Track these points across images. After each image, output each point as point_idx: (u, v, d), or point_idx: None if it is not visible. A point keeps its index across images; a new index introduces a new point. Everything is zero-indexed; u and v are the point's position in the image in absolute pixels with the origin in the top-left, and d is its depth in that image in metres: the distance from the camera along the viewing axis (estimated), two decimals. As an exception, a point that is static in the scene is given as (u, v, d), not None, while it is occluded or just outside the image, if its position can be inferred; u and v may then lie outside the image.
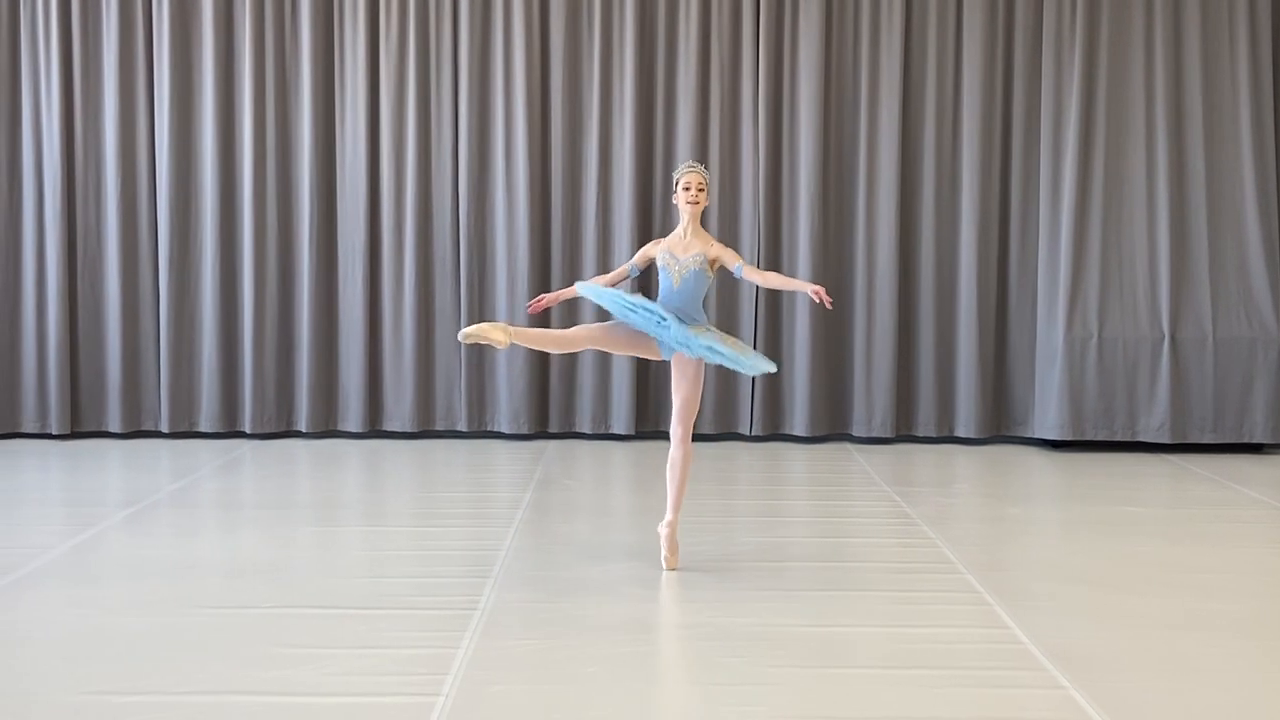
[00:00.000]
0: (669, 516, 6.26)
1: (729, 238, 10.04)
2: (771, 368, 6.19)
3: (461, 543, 6.72)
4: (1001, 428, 10.22)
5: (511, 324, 7.11)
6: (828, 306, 6.17)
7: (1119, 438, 9.88)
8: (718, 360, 6.01)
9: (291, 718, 4.30)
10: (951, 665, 4.87)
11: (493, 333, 5.93)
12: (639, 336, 6.15)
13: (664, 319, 5.97)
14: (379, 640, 5.09)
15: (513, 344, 6.03)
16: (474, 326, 5.99)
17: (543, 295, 6.55)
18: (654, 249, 6.30)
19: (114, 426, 10.03)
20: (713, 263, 6.17)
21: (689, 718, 4.37)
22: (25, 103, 9.93)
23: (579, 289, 6.33)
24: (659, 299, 6.18)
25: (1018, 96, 10.03)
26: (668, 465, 6.27)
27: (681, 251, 6.17)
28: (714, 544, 6.78)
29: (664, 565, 6.21)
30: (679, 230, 6.25)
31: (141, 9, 9.93)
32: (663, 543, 6.25)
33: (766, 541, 6.89)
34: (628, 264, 6.45)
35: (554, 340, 6.26)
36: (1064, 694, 4.59)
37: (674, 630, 5.25)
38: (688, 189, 6.22)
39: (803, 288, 6.20)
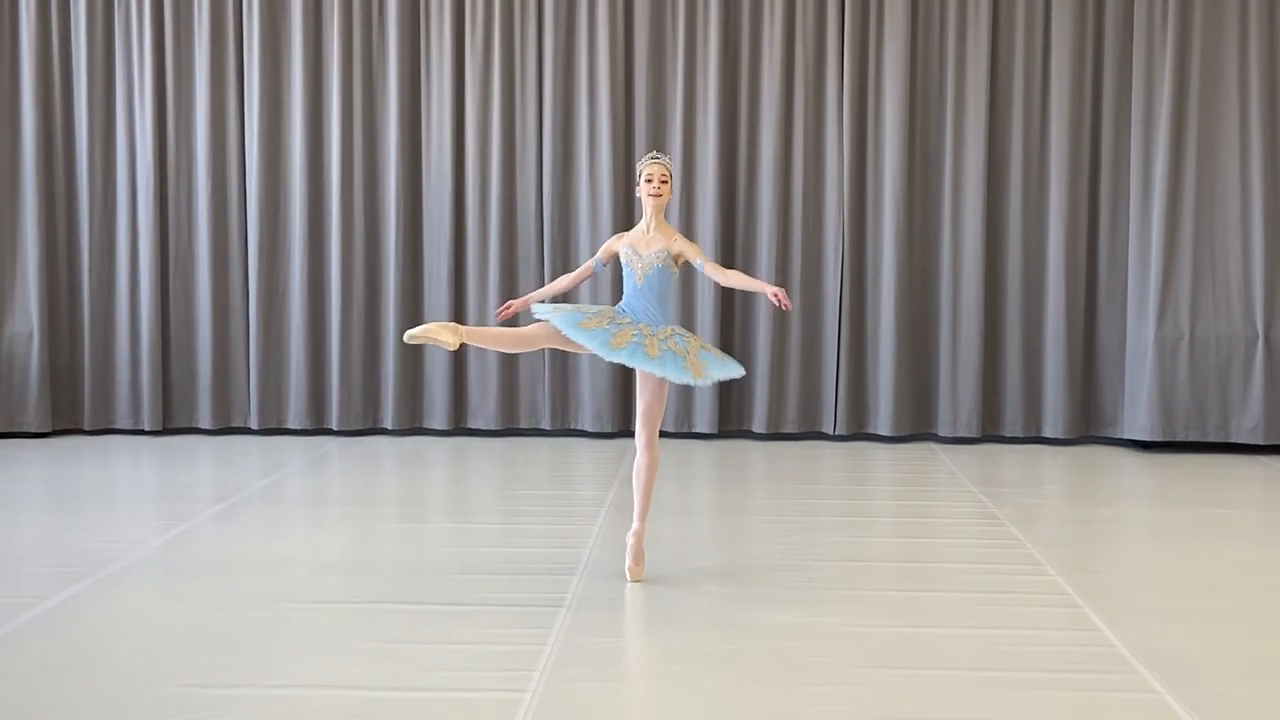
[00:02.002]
0: (635, 525, 5.99)
1: (812, 238, 10.01)
2: (733, 374, 5.84)
3: (546, 540, 6.75)
4: (1090, 428, 10.08)
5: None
6: (785, 308, 5.81)
7: (1211, 439, 9.71)
8: (664, 375, 5.69)
9: (381, 711, 4.35)
10: (1041, 668, 4.82)
11: (441, 333, 5.66)
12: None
13: (612, 347, 5.66)
14: (466, 636, 5.13)
15: (464, 345, 5.78)
16: (421, 328, 5.71)
17: (511, 301, 6.33)
18: (617, 243, 6.04)
19: (205, 423, 10.19)
20: (676, 258, 5.93)
21: (774, 716, 4.36)
22: (119, 106, 10.10)
23: (534, 310, 5.99)
24: (623, 297, 5.97)
25: (1107, 91, 9.88)
26: (633, 472, 6.01)
27: (644, 247, 5.93)
28: (798, 543, 6.75)
29: (627, 576, 5.93)
30: (641, 225, 6.02)
31: (232, 14, 10.07)
32: (627, 552, 5.98)
33: (851, 541, 6.85)
34: (592, 260, 6.16)
35: (511, 339, 5.99)
36: (1157, 699, 4.53)
37: (758, 629, 5.24)
38: (650, 181, 5.95)
39: (763, 289, 5.90)
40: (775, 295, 5.78)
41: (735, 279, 6.08)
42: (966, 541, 6.90)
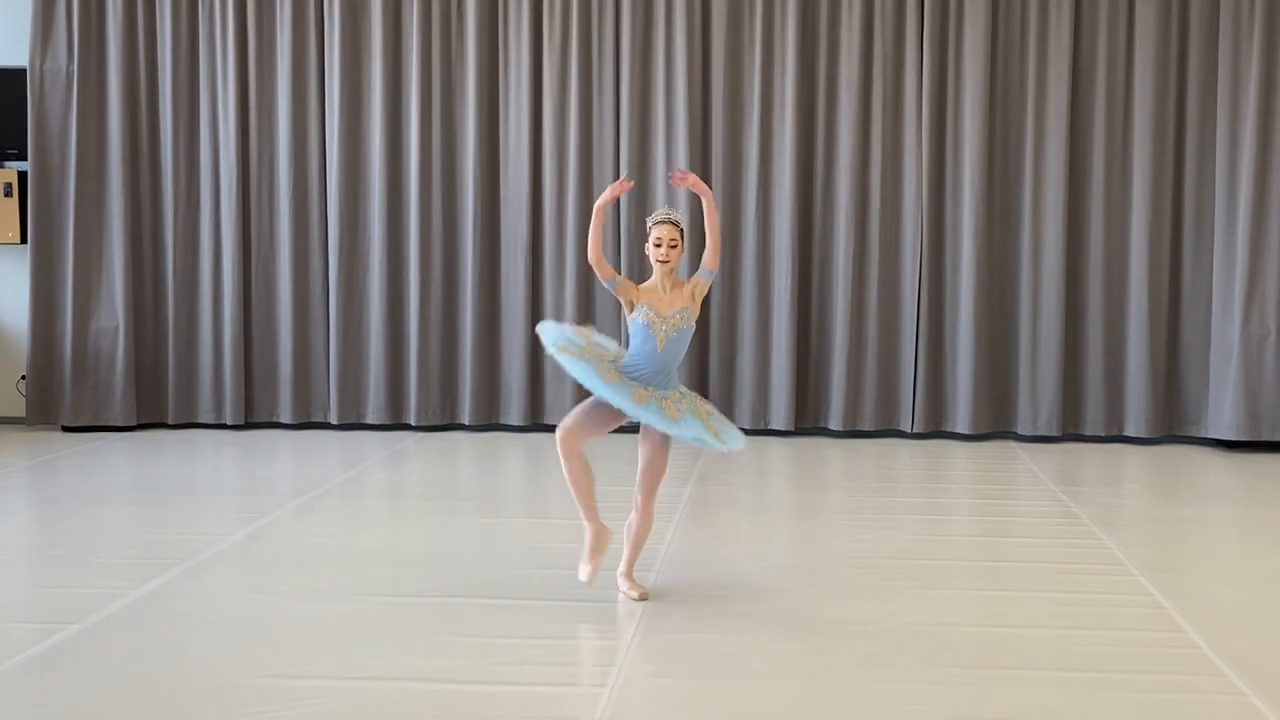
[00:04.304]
0: (623, 568, 5.71)
1: (890, 234, 9.92)
2: (739, 446, 5.54)
3: (623, 536, 6.74)
4: (1173, 427, 9.92)
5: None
6: (678, 178, 5.57)
7: (1299, 438, 9.54)
8: (694, 442, 5.40)
9: (460, 704, 4.37)
10: (1123, 668, 4.75)
11: (600, 542, 5.52)
12: (610, 408, 5.48)
13: (636, 403, 5.33)
14: (544, 630, 5.15)
15: (600, 524, 5.55)
16: (590, 564, 5.51)
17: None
18: (635, 296, 5.53)
19: (285, 418, 10.30)
20: (694, 297, 5.54)
21: (853, 714, 4.34)
22: (203, 106, 10.23)
23: (551, 344, 5.50)
24: (636, 359, 5.51)
25: (1192, 86, 9.71)
26: (625, 526, 5.71)
27: (666, 308, 5.49)
28: (877, 542, 6.71)
29: (634, 596, 5.61)
30: (655, 284, 5.55)
31: (314, 13, 10.17)
32: (624, 586, 5.67)
33: (930, 540, 6.79)
34: (607, 281, 5.57)
35: (582, 475, 5.57)
36: (1243, 700, 4.45)
37: (836, 626, 5.21)
38: (659, 245, 5.50)
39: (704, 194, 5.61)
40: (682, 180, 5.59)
41: (712, 228, 5.65)
42: (1048, 541, 6.82)
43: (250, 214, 10.27)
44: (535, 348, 10.17)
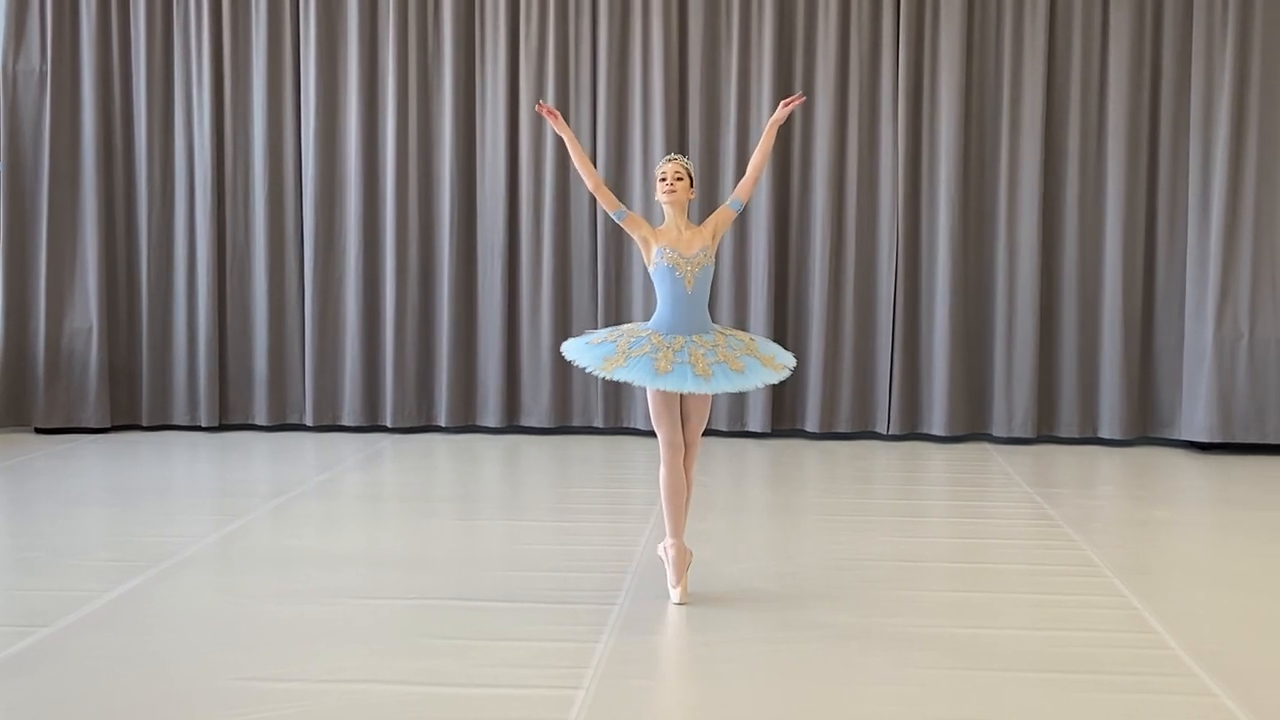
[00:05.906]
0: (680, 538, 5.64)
1: (866, 236, 9.96)
2: (784, 373, 5.55)
3: (599, 538, 6.76)
4: (1146, 429, 9.97)
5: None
6: (799, 99, 5.78)
7: (1270, 440, 9.58)
8: (739, 388, 5.43)
9: (435, 707, 4.37)
10: (1097, 670, 4.78)
11: (683, 559, 5.55)
12: (665, 394, 5.47)
13: (658, 373, 5.31)
14: (520, 633, 5.14)
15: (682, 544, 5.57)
16: (681, 585, 5.51)
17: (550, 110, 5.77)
18: (651, 236, 5.53)
19: (261, 419, 10.27)
20: (715, 236, 5.54)
21: (829, 715, 4.35)
22: (178, 106, 10.19)
23: (576, 353, 5.55)
24: (667, 310, 5.50)
25: (1166, 89, 9.77)
26: (677, 490, 5.58)
27: (687, 248, 5.47)
28: (852, 543, 6.73)
29: (677, 598, 5.55)
30: (670, 226, 5.56)
31: (289, 14, 10.14)
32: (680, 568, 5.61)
33: (905, 541, 6.81)
34: (617, 212, 5.56)
35: (681, 487, 5.58)
36: (1215, 701, 4.48)
37: (812, 629, 5.22)
38: (663, 179, 5.54)
39: (777, 119, 5.69)
40: (787, 104, 5.74)
41: (758, 160, 5.73)
42: (1022, 543, 6.85)
43: (225, 215, 10.24)
44: (512, 349, 10.18)
